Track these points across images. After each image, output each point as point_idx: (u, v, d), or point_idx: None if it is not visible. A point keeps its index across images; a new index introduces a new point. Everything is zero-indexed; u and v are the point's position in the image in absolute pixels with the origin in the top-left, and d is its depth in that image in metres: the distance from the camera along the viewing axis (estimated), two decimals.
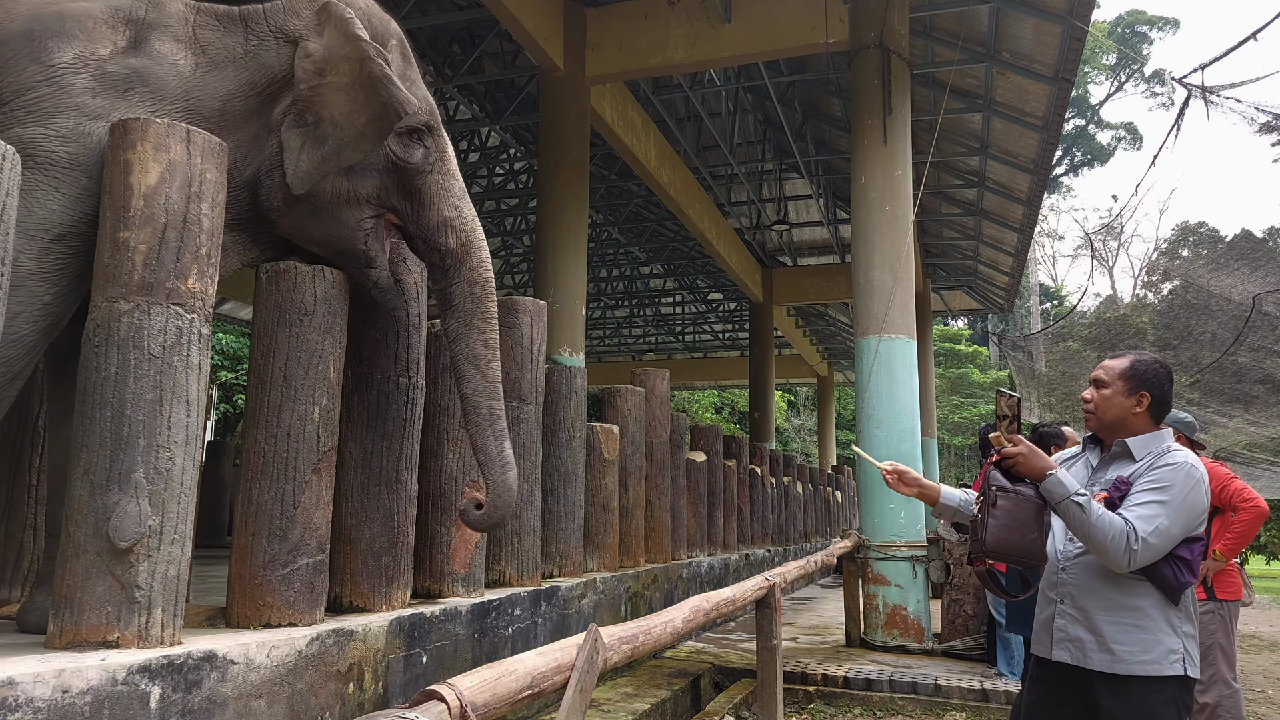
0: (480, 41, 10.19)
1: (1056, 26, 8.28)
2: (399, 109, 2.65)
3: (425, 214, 2.91)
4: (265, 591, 2.59)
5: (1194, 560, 2.22)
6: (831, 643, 7.04)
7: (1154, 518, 2.13)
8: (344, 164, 2.71)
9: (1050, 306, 38.26)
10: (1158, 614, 2.19)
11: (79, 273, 2.37)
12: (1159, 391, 2.32)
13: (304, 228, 2.81)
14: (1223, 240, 26.14)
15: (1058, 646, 2.30)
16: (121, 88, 2.50)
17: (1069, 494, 2.16)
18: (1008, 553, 2.26)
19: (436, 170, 2.93)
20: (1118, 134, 39.89)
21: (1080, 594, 2.27)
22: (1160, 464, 2.23)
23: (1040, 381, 19.78)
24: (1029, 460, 2.23)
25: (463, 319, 2.96)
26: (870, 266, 7.46)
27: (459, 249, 2.95)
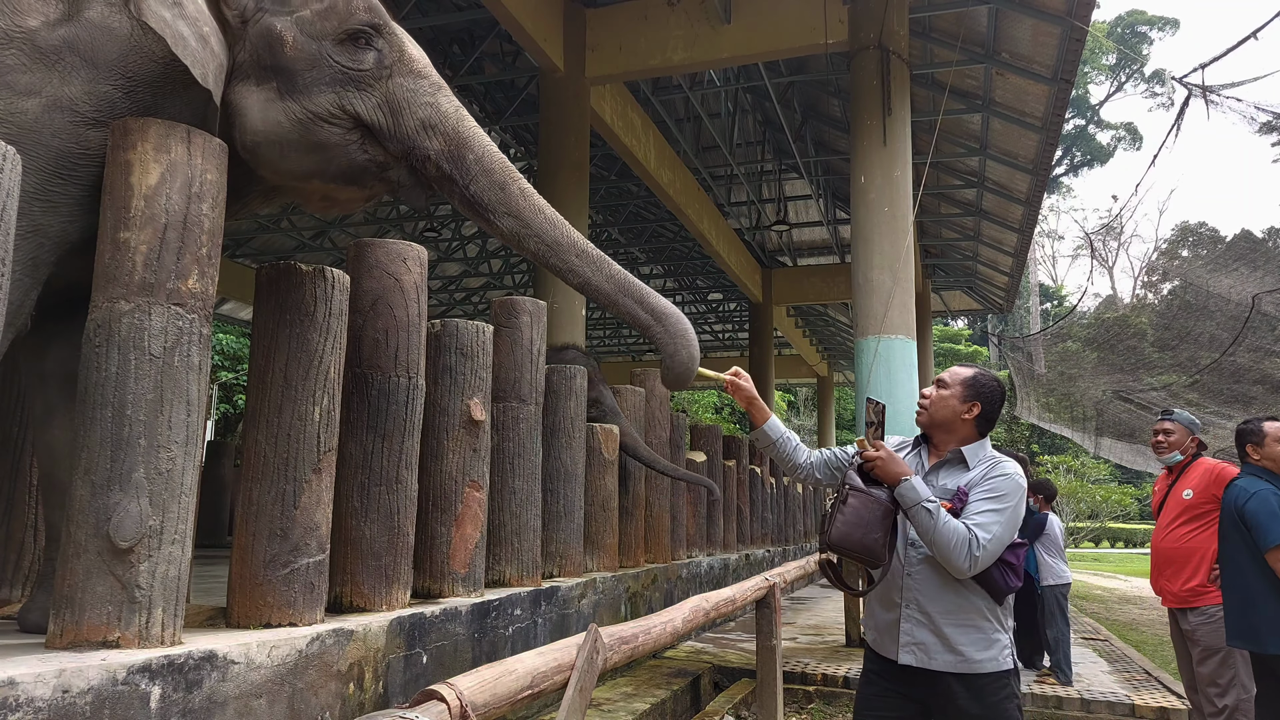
0: (480, 42, 10.19)
1: (1056, 27, 8.29)
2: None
3: (399, 121, 2.64)
4: (265, 591, 2.60)
5: (1019, 564, 2.38)
6: (831, 643, 7.04)
7: (991, 525, 2.28)
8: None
9: (1050, 307, 38.27)
10: (990, 614, 2.36)
11: (31, 255, 2.28)
12: (990, 406, 2.49)
13: (286, 165, 2.62)
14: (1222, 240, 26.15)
15: (904, 650, 2.41)
16: (51, 59, 2.35)
17: (920, 499, 2.30)
18: (850, 549, 2.38)
19: (398, 72, 2.68)
20: (1117, 134, 39.92)
21: (925, 598, 2.40)
22: (995, 474, 2.38)
23: (1039, 382, 19.79)
24: (887, 465, 2.37)
25: (509, 212, 2.67)
26: (870, 267, 7.47)
27: (450, 147, 2.67)
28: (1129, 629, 9.67)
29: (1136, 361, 16.85)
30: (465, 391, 3.71)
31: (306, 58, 2.56)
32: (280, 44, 2.55)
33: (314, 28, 2.58)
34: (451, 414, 3.67)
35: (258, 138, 2.56)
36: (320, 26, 2.58)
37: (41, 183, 2.29)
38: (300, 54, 2.56)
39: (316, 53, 2.57)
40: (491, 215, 2.68)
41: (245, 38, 2.57)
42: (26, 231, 2.25)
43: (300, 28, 2.58)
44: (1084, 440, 21.74)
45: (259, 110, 2.56)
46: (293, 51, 2.55)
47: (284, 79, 2.57)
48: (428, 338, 3.56)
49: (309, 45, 2.57)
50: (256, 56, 2.57)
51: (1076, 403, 19.43)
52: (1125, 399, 16.50)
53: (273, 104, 2.56)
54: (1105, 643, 7.72)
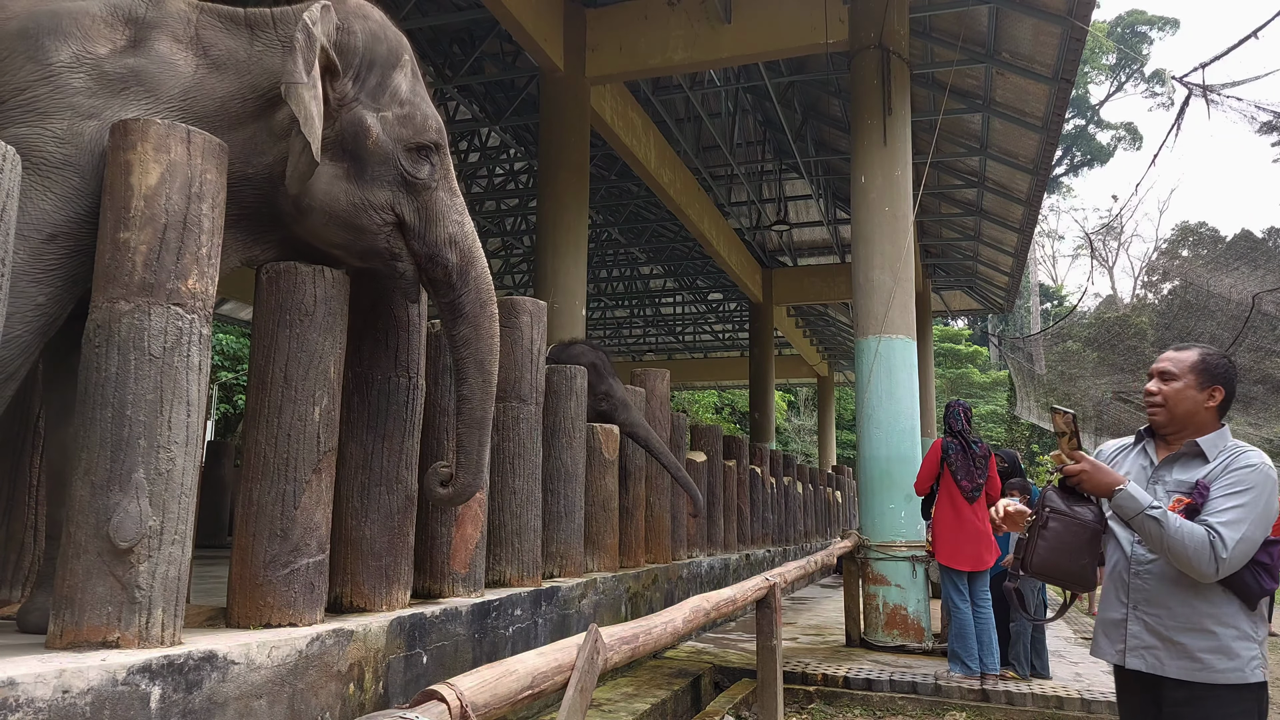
0: (480, 42, 10.19)
1: (1056, 27, 8.29)
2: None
3: (431, 230, 2.96)
4: (266, 592, 2.59)
5: (1274, 564, 2.16)
6: (831, 642, 7.04)
7: (1239, 523, 2.06)
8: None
9: (1050, 306, 38.26)
10: (1239, 620, 2.13)
11: (73, 274, 2.36)
12: (1230, 387, 2.25)
13: (323, 234, 2.87)
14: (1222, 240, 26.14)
15: (1131, 654, 2.23)
16: (117, 87, 2.49)
17: (1142, 508, 2.10)
18: (1053, 576, 2.23)
19: (441, 187, 2.98)
20: (1118, 134, 39.90)
21: (1155, 601, 2.19)
22: (1237, 465, 2.15)
23: (1040, 382, 19.78)
24: (1094, 476, 2.17)
25: (473, 325, 3.04)
26: (870, 267, 7.46)
27: (462, 262, 3.02)
28: None
29: (1137, 361, 16.85)
30: None
31: (381, 154, 2.84)
32: (366, 135, 2.81)
33: (392, 130, 2.86)
34: (452, 414, 3.66)
35: (314, 204, 2.77)
36: (398, 132, 2.86)
37: (92, 207, 2.37)
38: (378, 149, 2.83)
39: (390, 153, 2.85)
40: (461, 320, 3.04)
41: (338, 119, 2.79)
42: (73, 251, 2.36)
43: (383, 127, 2.84)
44: (1085, 440, 21.71)
45: (325, 183, 2.76)
46: (373, 145, 2.82)
47: (356, 164, 2.82)
48: (428, 338, 3.56)
49: (385, 144, 2.84)
50: (341, 138, 2.80)
51: (1077, 403, 19.43)
52: (1125, 399, 16.50)
53: (338, 181, 2.79)
54: None
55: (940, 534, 5.75)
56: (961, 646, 5.57)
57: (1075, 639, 7.70)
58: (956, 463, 5.72)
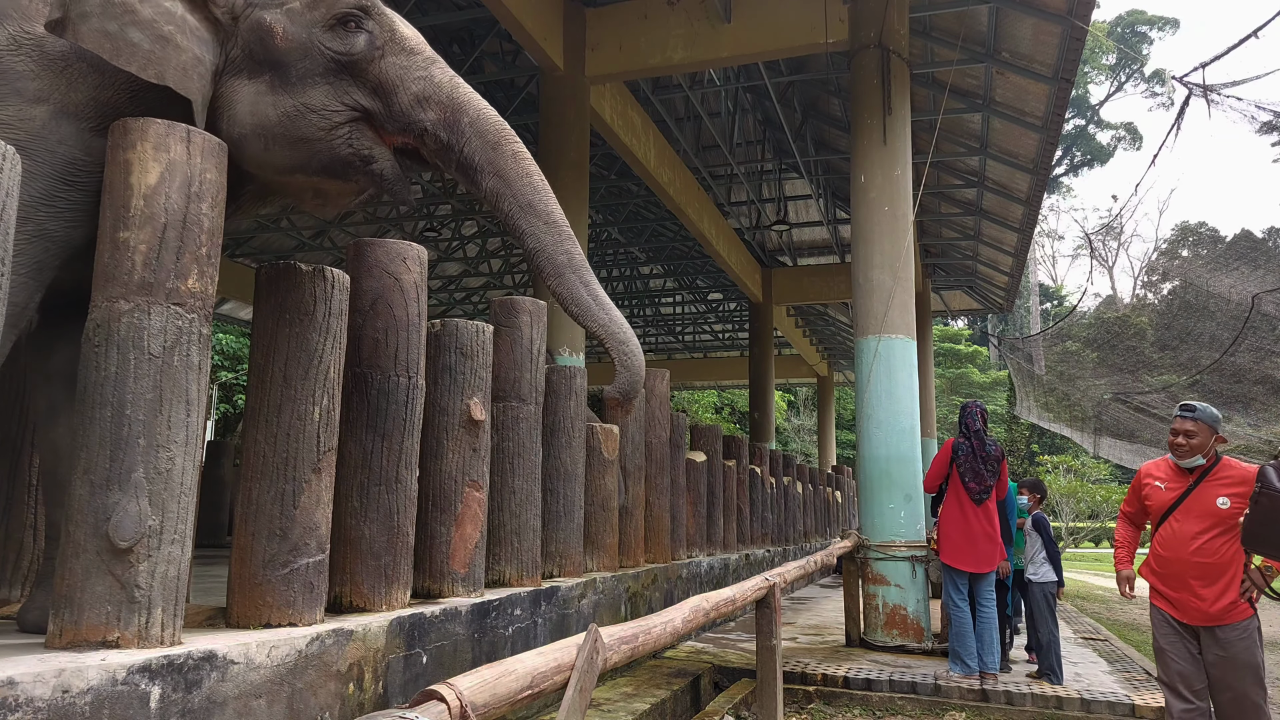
0: (480, 41, 10.19)
1: (1056, 26, 8.28)
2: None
3: (395, 100, 2.64)
4: (265, 591, 2.59)
5: None
6: (831, 642, 7.04)
7: None
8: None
9: (1050, 306, 38.27)
10: None
11: (36, 260, 2.30)
12: None
13: (270, 159, 2.62)
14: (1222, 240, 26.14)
15: None
16: (59, 65, 2.37)
17: None
18: (1262, 547, 2.38)
19: (389, 52, 2.67)
20: (1117, 134, 39.92)
21: None
22: None
23: (1039, 382, 19.78)
24: None
25: (495, 171, 2.68)
26: (870, 266, 7.46)
27: (446, 115, 2.67)
28: (1129, 629, 9.67)
29: (1136, 362, 16.85)
30: (465, 391, 3.71)
31: (298, 48, 2.57)
32: (270, 35, 2.56)
33: (303, 17, 2.59)
34: (451, 414, 3.66)
35: (244, 130, 2.56)
36: (310, 16, 2.59)
37: (48, 189, 2.31)
38: (291, 44, 2.56)
39: (307, 41, 2.57)
40: (479, 175, 2.68)
41: (236, 34, 2.58)
42: (32, 236, 2.27)
43: (290, 18, 2.59)
44: (1084, 440, 21.73)
45: (248, 104, 2.56)
46: (283, 42, 2.56)
47: (276, 72, 2.57)
48: (427, 337, 3.56)
49: (299, 35, 2.57)
50: (249, 51, 2.57)
51: (1076, 403, 19.44)
52: (1124, 401, 16.50)
53: (263, 97, 2.57)
54: (1105, 643, 7.71)
55: (945, 534, 5.75)
56: (961, 646, 5.57)
57: (1075, 639, 7.70)
58: (965, 464, 5.73)
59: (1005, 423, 31.04)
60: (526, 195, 2.69)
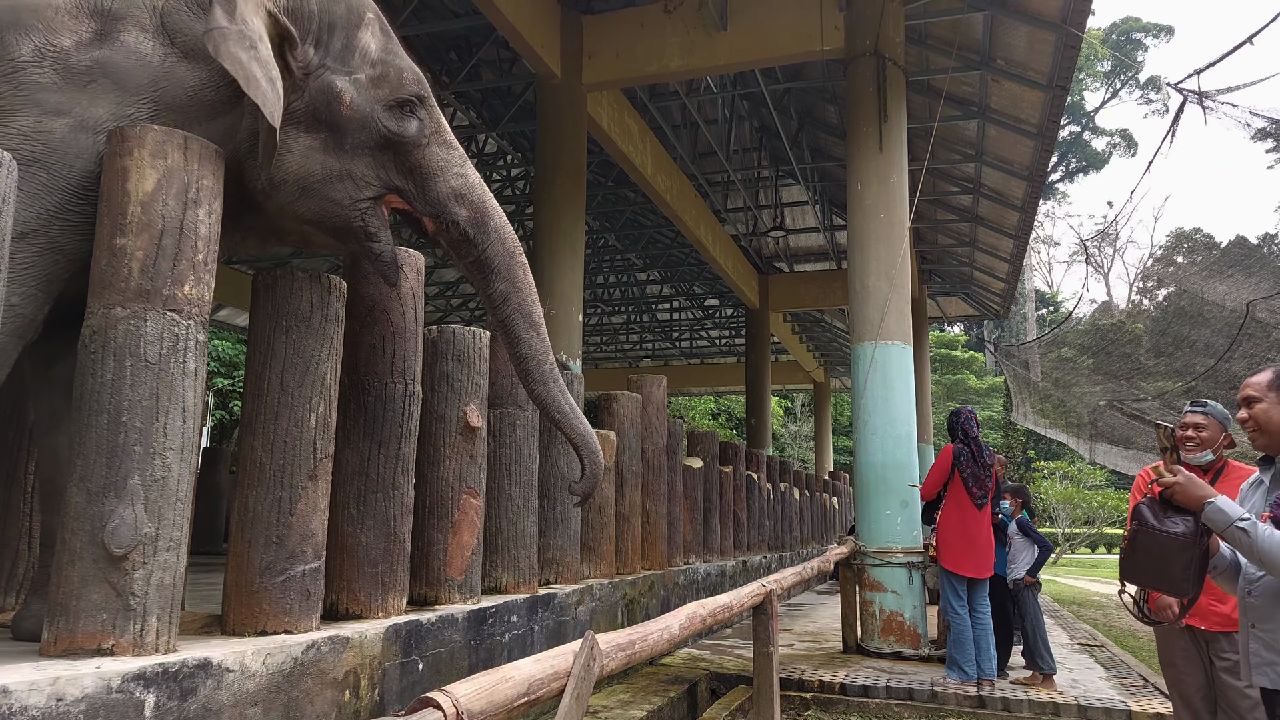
0: (477, 49, 10.21)
1: (1051, 34, 8.32)
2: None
3: (431, 188, 2.85)
4: (261, 599, 2.59)
5: None
6: (828, 649, 7.04)
7: None
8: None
9: (1046, 313, 38.37)
10: None
11: (47, 273, 2.31)
12: None
13: (293, 207, 2.73)
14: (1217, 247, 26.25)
15: (1256, 672, 2.25)
16: (83, 81, 2.40)
17: (1231, 520, 2.14)
18: (1146, 585, 2.39)
19: (434, 142, 2.87)
20: (1113, 140, 40.08)
21: (1266, 617, 2.23)
22: None
23: (1035, 389, 19.81)
24: (1186, 490, 2.24)
25: (508, 278, 2.97)
26: (866, 273, 7.48)
27: (476, 215, 2.92)
28: (1125, 635, 9.67)
29: (1132, 368, 16.88)
30: (462, 398, 3.71)
31: (359, 118, 2.72)
32: (339, 101, 2.70)
33: (368, 92, 2.75)
34: (448, 420, 3.66)
35: (286, 177, 2.67)
36: (374, 92, 2.75)
37: (63, 203, 2.33)
38: (355, 114, 2.72)
39: (369, 115, 2.73)
40: (493, 276, 2.95)
41: (306, 89, 2.69)
42: (44, 249, 2.30)
43: (357, 90, 2.73)
44: (1079, 446, 21.76)
45: (299, 156, 2.67)
46: (349, 111, 2.71)
47: (334, 134, 2.71)
48: (424, 344, 3.56)
49: (363, 107, 2.73)
50: (312, 108, 2.69)
51: (1072, 409, 19.46)
52: (1119, 408, 16.52)
53: (314, 153, 2.69)
54: (1102, 649, 7.71)
55: (946, 539, 5.74)
56: (959, 652, 5.57)
57: (1072, 645, 7.70)
58: (967, 469, 5.73)
59: (1002, 429, 31.09)
60: (528, 306, 3.00)
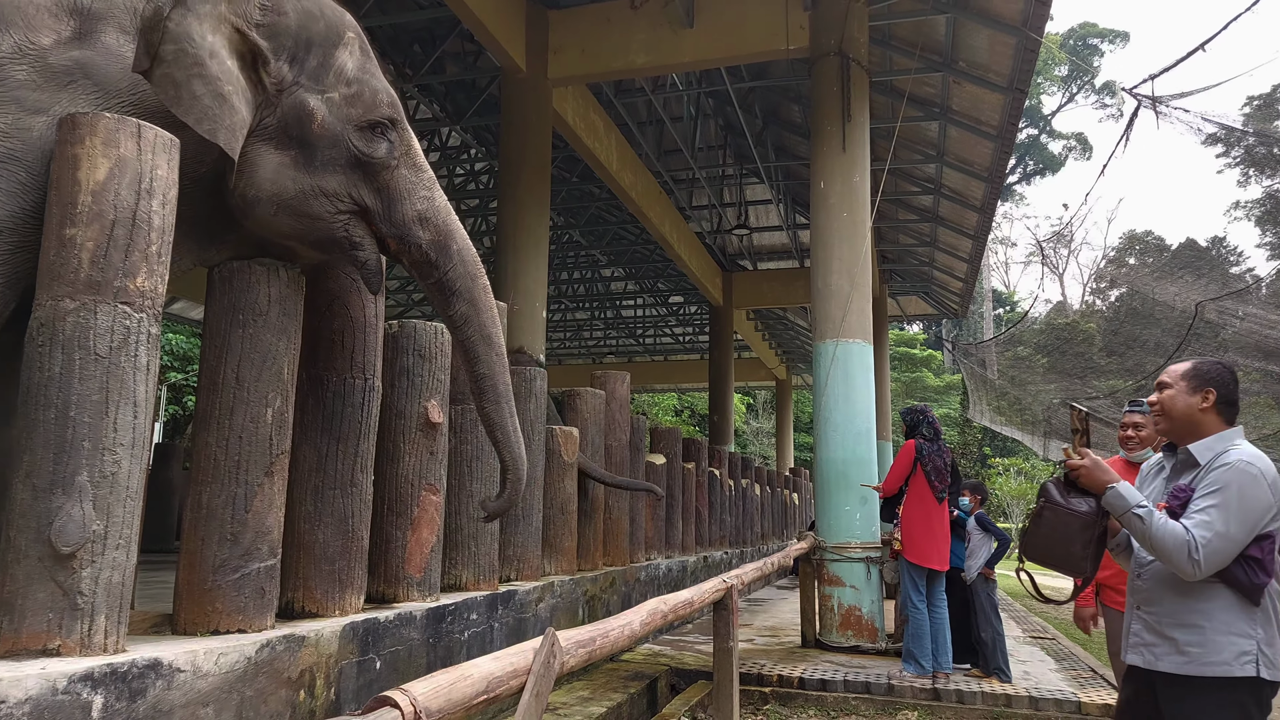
0: (441, 41, 10.11)
1: (1011, 37, 8.45)
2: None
3: (397, 209, 2.86)
4: (214, 597, 2.54)
5: (1265, 558, 2.20)
6: (787, 644, 7.10)
7: (1211, 522, 2.13)
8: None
9: (1003, 312, 39.04)
10: (1229, 616, 2.17)
11: (16, 269, 2.30)
12: (1225, 388, 2.32)
13: (274, 224, 2.76)
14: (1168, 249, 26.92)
15: (1132, 651, 2.34)
16: (63, 80, 2.41)
17: (1129, 507, 2.21)
18: (1047, 562, 2.38)
19: (403, 164, 2.88)
20: (1069, 144, 40.85)
21: (1152, 600, 2.30)
22: (1216, 465, 2.22)
23: (992, 386, 20.16)
24: (1092, 473, 2.30)
25: (468, 300, 2.98)
26: (829, 271, 7.55)
27: (438, 238, 2.92)
28: (1076, 628, 9.89)
29: (1085, 367, 17.25)
30: (423, 394, 3.68)
31: (329, 136, 2.74)
32: (310, 119, 2.71)
33: (341, 111, 2.76)
34: (408, 416, 3.63)
35: (260, 194, 2.68)
36: (347, 111, 2.76)
37: (38, 202, 2.31)
38: (325, 132, 2.73)
39: (339, 134, 2.75)
40: (454, 298, 2.96)
41: (278, 105, 2.70)
42: (16, 248, 2.29)
43: (329, 108, 2.75)
44: (1034, 443, 22.19)
45: (270, 172, 2.68)
46: (319, 129, 2.72)
47: (304, 150, 2.72)
48: (385, 339, 3.52)
49: (334, 126, 2.75)
50: (284, 124, 2.70)
51: (1027, 407, 19.84)
52: (1073, 405, 16.86)
53: (285, 170, 2.70)
54: (1053, 641, 7.88)
55: (911, 533, 5.81)
56: (917, 646, 5.65)
57: (1024, 638, 7.85)
58: (930, 464, 5.81)
59: (959, 426, 31.57)
60: (488, 328, 3.00)
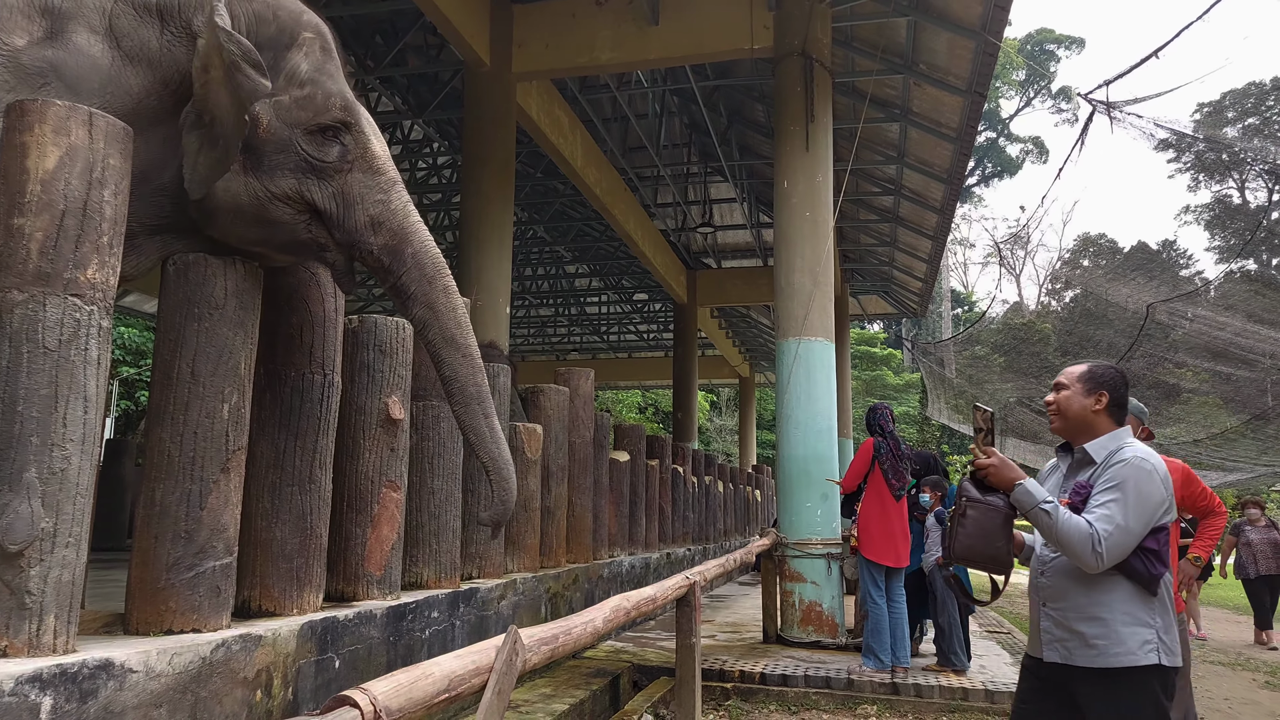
0: (404, 33, 10.00)
1: (970, 41, 8.58)
2: (247, 95, 2.54)
3: (349, 215, 2.77)
4: (168, 596, 2.49)
5: (1161, 549, 2.31)
6: (749, 639, 7.15)
7: (1112, 517, 2.23)
8: (233, 163, 2.61)
9: (961, 312, 39.66)
10: (1131, 606, 2.27)
11: None
12: (1117, 391, 2.44)
13: (237, 233, 2.71)
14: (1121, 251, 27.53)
15: (1047, 647, 2.39)
16: (36, 82, 2.37)
17: (1037, 502, 2.28)
18: (974, 560, 2.42)
19: (357, 168, 2.80)
20: (1026, 147, 41.60)
21: (1057, 595, 2.38)
22: (1113, 462, 2.33)
23: (950, 385, 20.48)
24: (1000, 471, 2.37)
25: (425, 303, 2.84)
26: (791, 270, 7.60)
27: (392, 242, 2.82)
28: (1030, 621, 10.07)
29: (1040, 366, 17.59)
30: (383, 389, 3.64)
31: (276, 141, 2.67)
32: (256, 124, 2.62)
33: (290, 115, 2.68)
34: (369, 412, 3.59)
35: (216, 204, 2.62)
36: (295, 115, 2.68)
37: None
38: (271, 137, 2.66)
39: (287, 139, 2.68)
40: (410, 303, 2.86)
41: None
42: None
43: (277, 112, 2.67)
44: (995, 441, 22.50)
45: (222, 180, 2.61)
46: (265, 134, 2.65)
47: (251, 156, 2.65)
48: (345, 334, 3.47)
49: (281, 130, 2.67)
50: None
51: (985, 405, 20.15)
52: (1027, 405, 17.22)
53: (235, 177, 2.64)
54: (1008, 635, 8.03)
55: (868, 530, 5.88)
56: (876, 641, 5.72)
57: (980, 632, 7.99)
58: (887, 462, 5.89)
59: (917, 424, 32.01)
60: (450, 330, 2.86)
